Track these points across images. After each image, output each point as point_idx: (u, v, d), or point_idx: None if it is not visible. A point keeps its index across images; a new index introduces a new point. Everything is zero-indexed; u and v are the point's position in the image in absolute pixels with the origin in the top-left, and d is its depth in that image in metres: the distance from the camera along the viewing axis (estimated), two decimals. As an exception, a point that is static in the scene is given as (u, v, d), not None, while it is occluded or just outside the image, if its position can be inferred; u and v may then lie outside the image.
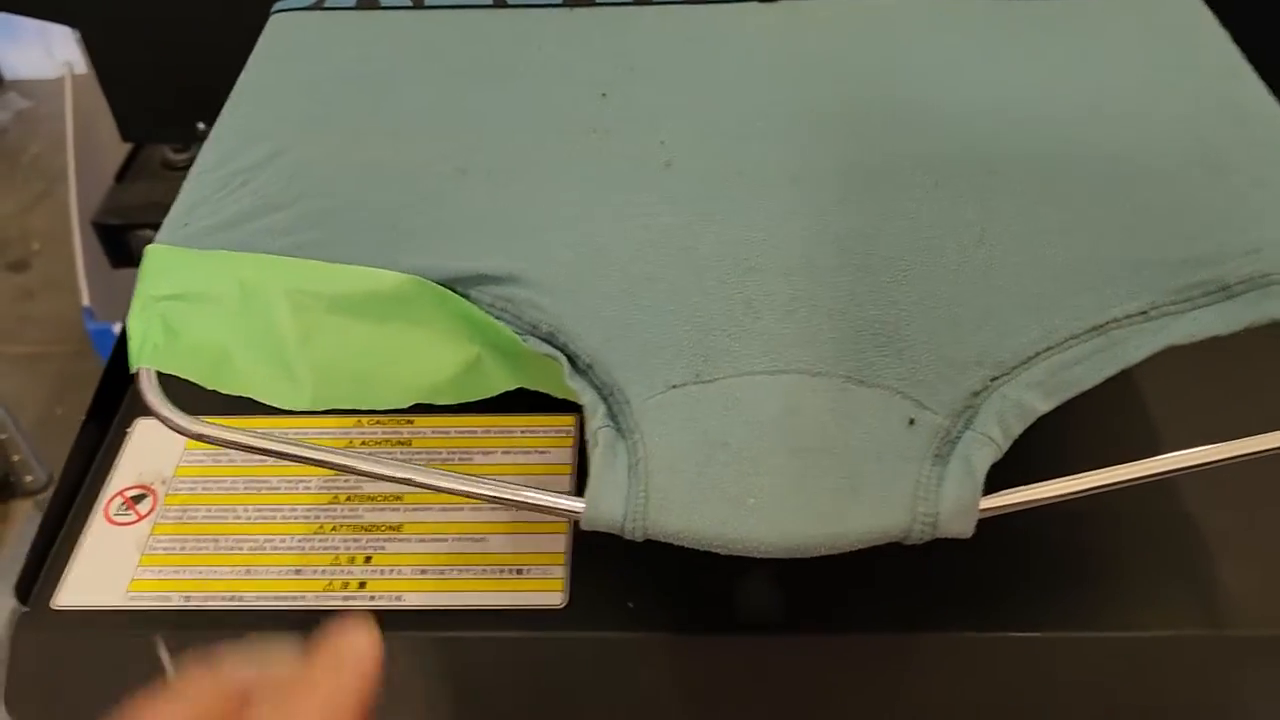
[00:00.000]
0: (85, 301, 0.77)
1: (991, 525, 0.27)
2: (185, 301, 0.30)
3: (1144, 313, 0.29)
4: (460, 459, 0.40)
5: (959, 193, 0.32)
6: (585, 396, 0.28)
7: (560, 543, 0.37)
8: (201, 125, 0.78)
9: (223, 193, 0.33)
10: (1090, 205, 0.32)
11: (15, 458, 0.81)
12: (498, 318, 0.29)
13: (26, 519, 0.84)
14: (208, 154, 0.35)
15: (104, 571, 0.36)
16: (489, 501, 0.28)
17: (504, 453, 0.40)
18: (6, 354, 1.43)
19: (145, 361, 0.29)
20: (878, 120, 0.35)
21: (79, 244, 0.79)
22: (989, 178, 0.33)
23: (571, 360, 0.29)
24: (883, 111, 0.35)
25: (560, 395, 0.30)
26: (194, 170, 0.34)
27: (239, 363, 0.30)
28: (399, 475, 0.28)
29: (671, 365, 0.28)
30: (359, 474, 0.28)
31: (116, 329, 0.77)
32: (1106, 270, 0.30)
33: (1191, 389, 0.39)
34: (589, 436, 0.27)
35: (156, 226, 0.80)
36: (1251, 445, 0.27)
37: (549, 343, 0.29)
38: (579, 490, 0.36)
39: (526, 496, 0.27)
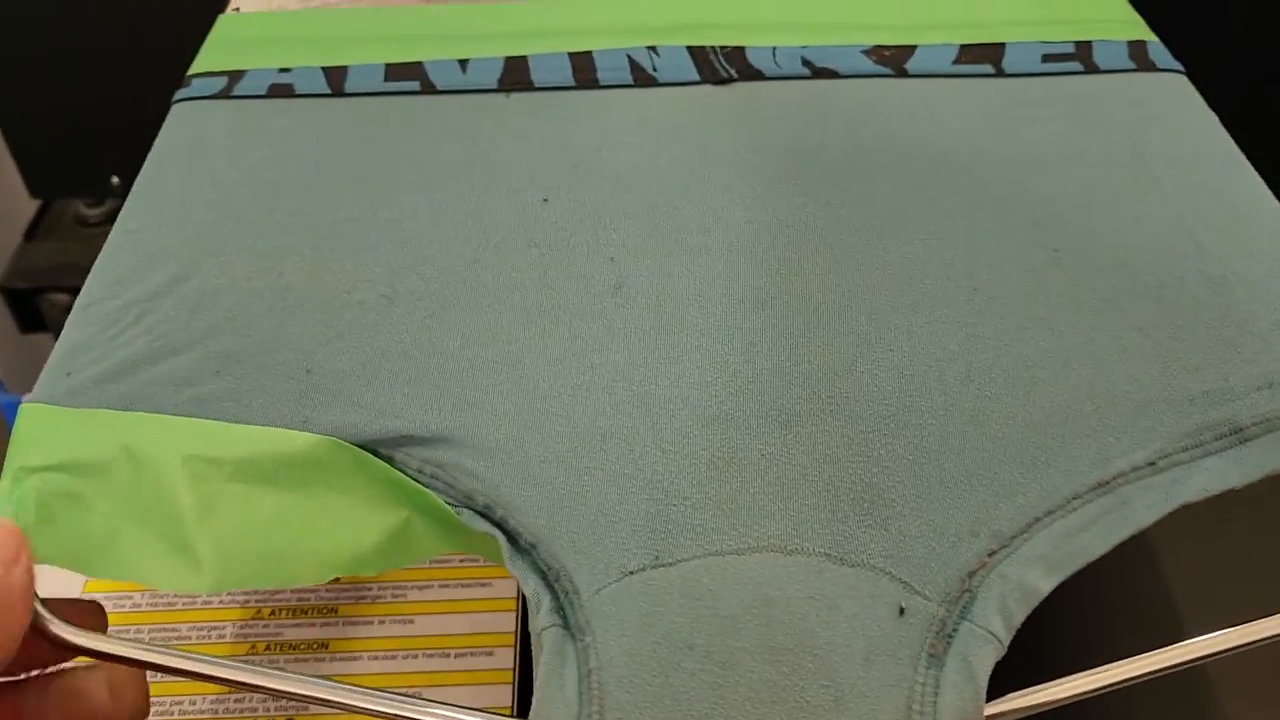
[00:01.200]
0: (-7, 371, 0.72)
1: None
2: (64, 473, 0.26)
3: (1152, 464, 0.26)
4: (393, 595, 0.36)
5: (940, 317, 0.29)
6: (528, 585, 0.24)
7: (505, 695, 0.33)
8: (116, 179, 0.74)
9: (114, 330, 0.29)
10: (1084, 328, 0.29)
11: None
12: (427, 485, 0.26)
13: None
14: (99, 278, 0.31)
15: (-12, 750, 0.32)
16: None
17: (441, 586, 0.36)
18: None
19: (15, 551, 0.25)
20: (847, 225, 0.32)
21: (-15, 308, 0.74)
22: (971, 296, 0.30)
23: (512, 538, 0.25)
24: (852, 214, 0.32)
25: (501, 566, 0.26)
26: (82, 299, 0.30)
27: (127, 545, 0.26)
28: (302, 693, 0.24)
29: (627, 545, 0.24)
30: (260, 691, 0.24)
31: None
32: (1107, 411, 0.27)
33: (1195, 531, 0.37)
34: (533, 635, 0.24)
35: (69, 290, 0.74)
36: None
37: (486, 517, 0.25)
38: (523, 643, 0.32)
39: (457, 717, 0.23)
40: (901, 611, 0.24)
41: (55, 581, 0.26)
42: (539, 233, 0.31)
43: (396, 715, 0.24)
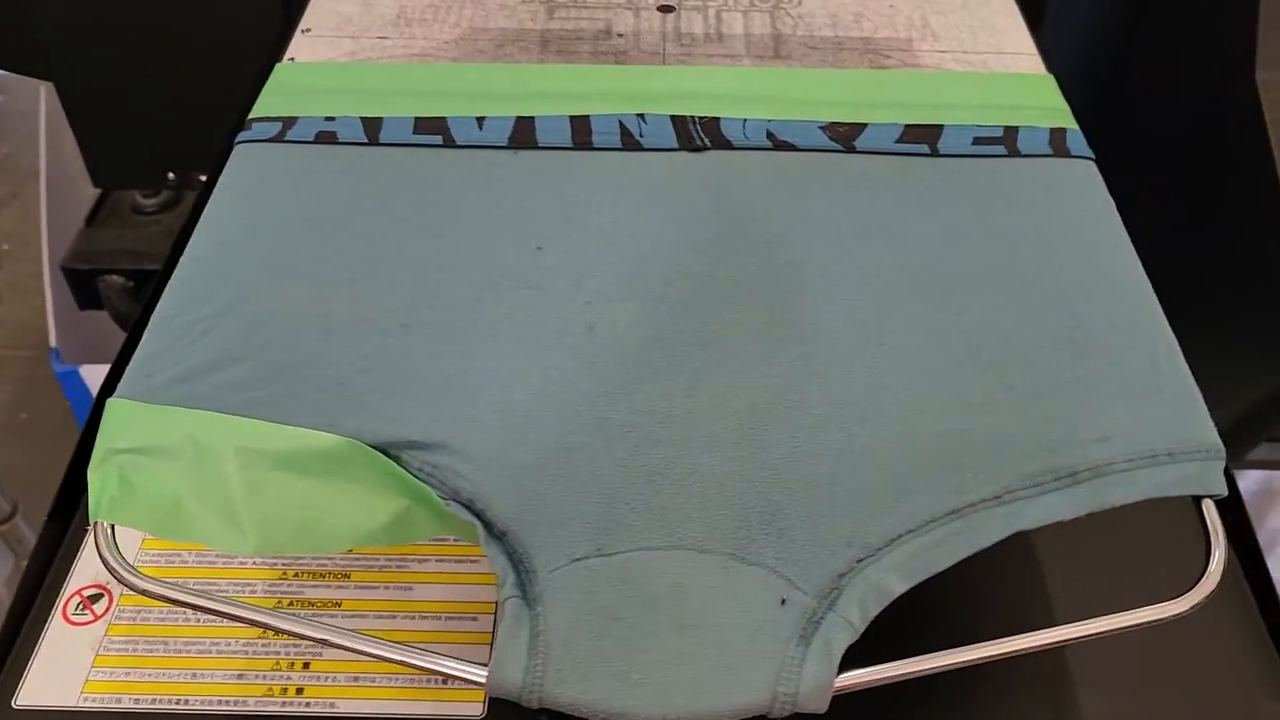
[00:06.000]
0: (53, 343, 0.80)
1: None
2: (142, 455, 0.33)
3: (998, 497, 0.33)
4: (398, 566, 0.43)
5: (849, 367, 0.36)
6: (497, 564, 0.31)
7: (484, 654, 0.40)
8: (171, 175, 0.81)
9: (185, 342, 0.36)
10: (965, 383, 0.35)
11: (-20, 490, 0.85)
12: (425, 481, 0.33)
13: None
14: (172, 297, 0.38)
15: (61, 671, 0.39)
16: (401, 666, 0.31)
17: (438, 560, 0.43)
18: (-28, 358, 1.44)
19: (102, 514, 0.32)
20: (784, 283, 0.38)
21: (49, 285, 0.82)
22: (878, 350, 0.36)
23: (488, 527, 0.32)
24: (790, 274, 0.39)
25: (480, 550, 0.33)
26: (158, 314, 0.37)
27: (189, 514, 0.33)
28: (320, 637, 0.31)
29: (577, 538, 0.31)
30: (283, 633, 0.31)
31: (83, 371, 0.80)
32: (970, 452, 0.33)
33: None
34: (499, 603, 0.31)
35: (123, 272, 0.82)
36: (1095, 626, 0.31)
37: (469, 509, 0.32)
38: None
39: (437, 665, 0.30)
40: (783, 602, 0.30)
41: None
42: (531, 277, 0.38)
43: (393, 659, 0.31)
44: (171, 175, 0.80)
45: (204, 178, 0.44)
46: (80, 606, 0.41)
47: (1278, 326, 0.57)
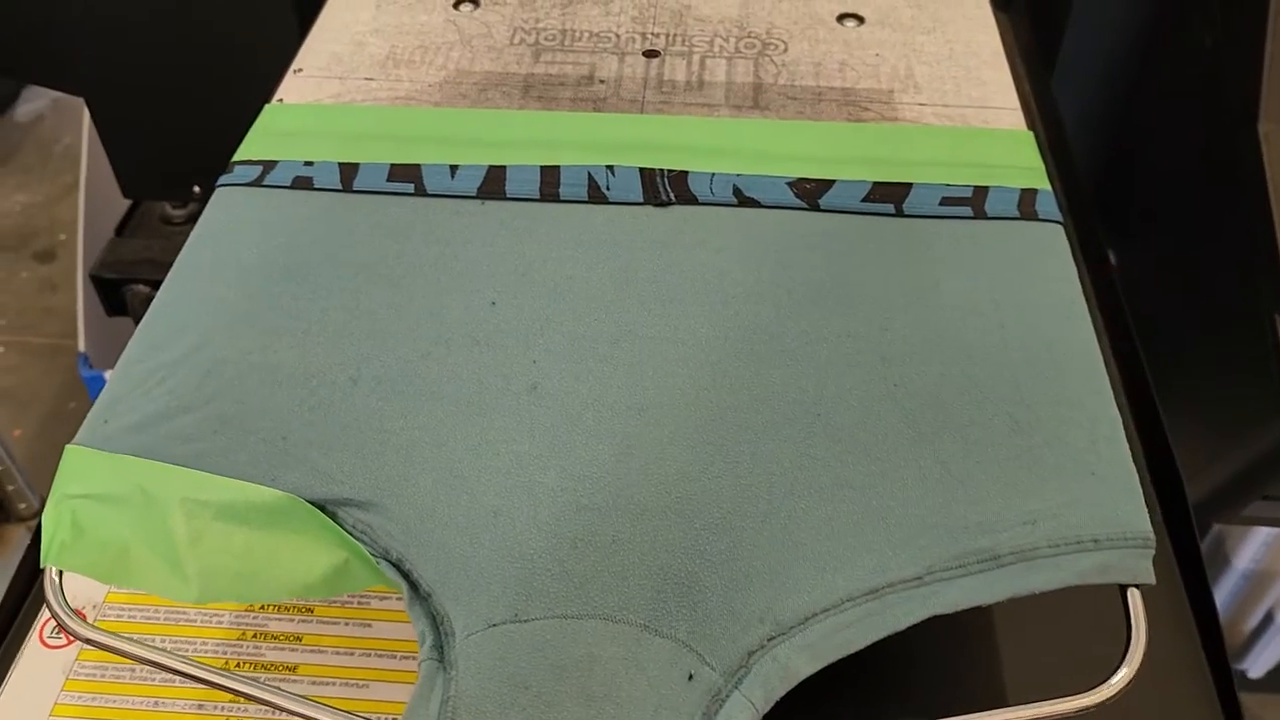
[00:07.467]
0: (81, 348, 0.83)
1: None
2: (93, 501, 0.35)
3: (918, 578, 0.33)
4: (359, 603, 0.44)
5: (782, 437, 0.36)
6: (418, 625, 0.32)
7: (434, 694, 0.42)
8: (197, 188, 0.83)
9: (142, 389, 0.37)
10: (897, 457, 0.35)
11: (10, 487, 0.88)
12: (358, 539, 0.34)
13: (18, 543, 0.92)
14: (138, 342, 0.39)
15: (33, 693, 0.41)
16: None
17: (397, 599, 0.44)
18: (27, 345, 1.49)
19: (52, 559, 0.34)
20: (729, 347, 0.39)
21: (81, 291, 0.85)
22: (813, 420, 0.37)
23: (414, 587, 0.33)
24: (738, 338, 0.39)
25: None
26: (123, 358, 0.39)
27: (136, 561, 0.34)
28: (243, 690, 0.32)
29: (496, 602, 0.32)
30: (225, 690, 0.33)
31: (108, 376, 0.83)
32: (894, 530, 0.34)
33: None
34: (418, 664, 0.32)
35: (149, 282, 0.85)
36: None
37: (398, 568, 0.33)
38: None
39: (352, 726, 0.32)
40: (690, 677, 0.31)
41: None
42: (482, 333, 0.39)
43: (311, 716, 0.32)
44: (197, 188, 0.83)
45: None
46: (55, 630, 0.43)
47: (1274, 382, 0.56)
